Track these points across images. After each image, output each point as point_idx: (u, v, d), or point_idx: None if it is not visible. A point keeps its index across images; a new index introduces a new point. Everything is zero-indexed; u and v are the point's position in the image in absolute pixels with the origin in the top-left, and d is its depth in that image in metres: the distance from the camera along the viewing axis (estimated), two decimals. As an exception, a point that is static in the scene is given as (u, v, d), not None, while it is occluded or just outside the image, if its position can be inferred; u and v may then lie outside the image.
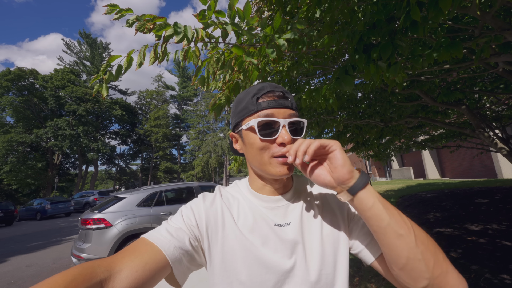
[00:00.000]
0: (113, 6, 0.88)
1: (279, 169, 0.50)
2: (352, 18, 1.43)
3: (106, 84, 1.04)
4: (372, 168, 26.35)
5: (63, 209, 14.95)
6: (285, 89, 0.55)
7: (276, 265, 0.49)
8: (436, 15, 0.98)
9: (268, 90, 0.53)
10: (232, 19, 1.03)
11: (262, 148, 0.51)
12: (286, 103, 0.52)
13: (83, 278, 0.36)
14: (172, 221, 0.53)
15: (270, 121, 0.51)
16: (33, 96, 25.13)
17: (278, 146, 0.51)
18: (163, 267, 0.46)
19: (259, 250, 0.50)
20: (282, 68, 2.13)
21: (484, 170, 11.38)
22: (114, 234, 3.79)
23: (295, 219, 0.55)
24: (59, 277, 0.35)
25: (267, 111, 0.51)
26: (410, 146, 5.88)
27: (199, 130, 36.43)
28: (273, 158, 0.51)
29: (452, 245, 3.24)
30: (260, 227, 0.53)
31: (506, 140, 3.27)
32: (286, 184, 0.58)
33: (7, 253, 6.36)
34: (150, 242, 0.47)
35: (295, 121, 0.52)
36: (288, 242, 0.51)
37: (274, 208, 0.56)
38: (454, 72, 2.61)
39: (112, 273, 0.40)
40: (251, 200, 0.58)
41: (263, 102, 0.52)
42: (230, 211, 0.55)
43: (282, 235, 0.52)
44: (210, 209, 0.55)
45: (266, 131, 0.51)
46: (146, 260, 0.44)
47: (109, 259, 0.43)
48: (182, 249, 0.48)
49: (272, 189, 0.57)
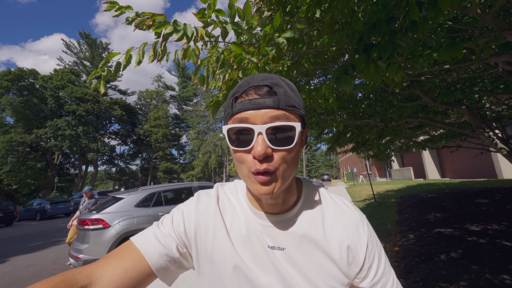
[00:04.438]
0: (113, 3, 0.87)
1: (257, 187, 0.41)
2: (352, 18, 1.43)
3: (104, 81, 1.04)
4: (372, 168, 26.36)
5: (62, 210, 14.93)
6: (278, 81, 0.43)
7: (264, 287, 0.45)
8: (435, 15, 0.98)
9: (249, 87, 0.43)
10: (232, 18, 1.03)
11: (239, 161, 0.43)
12: (267, 102, 0.41)
13: (64, 285, 0.36)
14: (163, 225, 0.50)
15: (241, 128, 0.41)
16: (33, 96, 25.15)
17: (253, 159, 0.41)
18: (147, 275, 0.44)
19: (249, 269, 0.46)
20: (282, 68, 2.13)
21: (484, 170, 11.38)
22: (112, 235, 3.78)
23: (290, 245, 0.47)
24: (41, 285, 0.36)
25: (241, 114, 0.42)
26: (410, 146, 5.87)
27: (199, 130, 36.48)
28: (251, 174, 0.42)
29: (452, 245, 3.23)
30: (253, 244, 0.48)
31: (506, 140, 3.27)
32: (286, 199, 0.49)
33: (7, 253, 6.35)
34: (135, 247, 0.46)
35: (278, 126, 0.41)
36: (279, 268, 0.46)
37: (267, 227, 0.49)
38: (454, 72, 2.61)
39: (92, 280, 0.40)
40: (247, 211, 0.51)
41: (238, 104, 0.42)
42: (223, 219, 0.50)
43: (273, 258, 0.46)
44: (202, 215, 0.50)
45: (241, 140, 0.42)
46: (128, 268, 0.43)
47: (90, 266, 0.42)
48: (168, 256, 0.46)
49: (268, 204, 0.48)
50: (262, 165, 0.40)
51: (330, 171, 62.51)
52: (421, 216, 5.05)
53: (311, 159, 60.48)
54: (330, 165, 63.35)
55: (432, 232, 3.89)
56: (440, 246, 3.27)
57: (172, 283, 0.50)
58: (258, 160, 0.41)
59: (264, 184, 0.41)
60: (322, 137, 4.74)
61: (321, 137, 4.69)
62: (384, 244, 3.93)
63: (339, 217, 0.51)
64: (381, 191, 11.71)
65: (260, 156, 0.40)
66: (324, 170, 61.16)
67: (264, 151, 0.40)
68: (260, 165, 0.40)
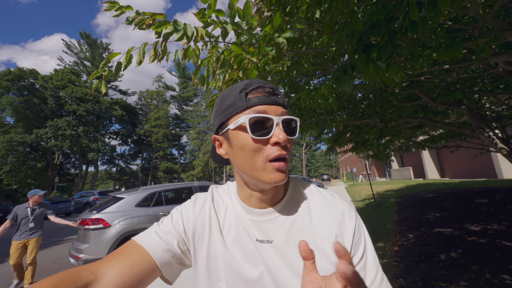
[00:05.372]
0: (113, 3, 0.88)
1: (274, 175, 0.45)
2: (352, 18, 1.43)
3: (105, 80, 1.04)
4: (372, 168, 26.35)
5: (63, 209, 14.93)
6: (274, 86, 0.51)
7: (255, 280, 0.48)
8: (435, 15, 0.98)
9: (257, 86, 0.48)
10: (232, 18, 1.03)
11: (256, 150, 0.45)
12: (277, 100, 0.47)
13: (68, 281, 0.36)
14: (163, 224, 0.53)
15: (262, 118, 0.45)
16: (33, 96, 25.15)
17: (273, 146, 0.45)
18: (152, 270, 0.45)
19: (239, 264, 0.48)
20: (282, 68, 2.13)
21: (484, 170, 11.37)
22: (113, 235, 3.78)
23: (278, 238, 0.49)
24: (45, 282, 0.36)
25: (259, 107, 0.45)
26: (409, 146, 5.87)
27: (199, 130, 36.50)
28: (268, 163, 0.45)
29: (452, 245, 3.23)
30: (242, 240, 0.50)
31: (506, 140, 3.27)
32: (275, 195, 0.52)
33: (7, 253, 6.34)
34: (139, 244, 0.47)
35: (288, 119, 0.48)
36: (267, 261, 0.48)
37: (258, 222, 0.51)
38: (454, 72, 2.61)
39: (97, 276, 0.40)
40: (238, 209, 0.54)
41: (253, 98, 0.46)
42: (217, 218, 0.54)
43: (262, 252, 0.49)
44: (199, 215, 0.53)
45: (258, 131, 0.45)
46: (133, 263, 0.44)
47: (95, 263, 0.43)
48: (171, 251, 0.49)
49: (259, 200, 0.51)
50: (284, 151, 0.45)
51: (330, 171, 62.49)
52: (421, 216, 5.05)
53: (310, 159, 60.46)
54: (330, 165, 63.34)
55: (432, 232, 3.89)
56: (440, 246, 3.27)
57: (174, 280, 0.51)
58: (281, 147, 0.45)
59: (281, 171, 0.45)
60: (321, 137, 4.74)
61: (320, 137, 4.69)
62: (383, 244, 3.93)
63: (325, 208, 0.52)
64: (381, 191, 11.71)
65: (284, 141, 0.44)
66: (324, 170, 61.13)
67: (286, 138, 0.45)
68: (282, 150, 0.45)
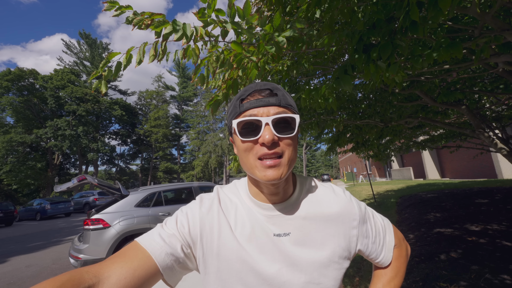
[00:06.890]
0: (113, 3, 0.88)
1: (265, 173, 0.47)
2: (352, 18, 1.43)
3: (105, 80, 1.04)
4: (372, 168, 26.35)
5: (63, 210, 14.95)
6: (276, 86, 0.52)
7: (273, 277, 0.48)
8: (435, 15, 0.98)
9: (253, 90, 0.50)
10: (232, 17, 1.03)
11: (246, 150, 0.49)
12: (271, 101, 0.49)
13: (71, 284, 0.36)
14: (166, 226, 0.52)
15: (250, 120, 0.48)
16: (33, 96, 25.17)
17: (261, 146, 0.47)
18: (154, 273, 0.45)
19: (256, 262, 0.49)
20: (282, 67, 2.13)
21: (484, 170, 11.37)
22: (113, 235, 3.77)
23: (295, 229, 0.52)
24: (48, 283, 0.35)
25: (250, 111, 0.48)
26: (410, 146, 5.87)
27: (199, 130, 36.46)
28: (258, 161, 0.48)
29: (452, 245, 3.23)
30: (258, 237, 0.51)
31: (506, 140, 3.27)
32: (285, 189, 0.54)
33: (7, 253, 6.35)
34: (142, 247, 0.47)
35: (282, 117, 0.48)
36: (286, 254, 0.50)
37: (272, 216, 0.53)
38: (454, 72, 2.61)
39: (100, 279, 0.40)
40: (249, 206, 0.55)
41: (246, 103, 0.49)
42: (227, 219, 0.53)
43: (280, 245, 0.50)
44: (206, 216, 0.53)
45: (248, 132, 0.48)
46: (136, 267, 0.43)
47: (98, 266, 0.42)
48: (174, 255, 0.48)
49: (268, 195, 0.53)
50: (271, 150, 0.47)
51: (330, 171, 62.48)
52: (421, 216, 5.05)
53: (311, 159, 60.46)
54: (330, 165, 63.33)
55: (432, 232, 3.89)
56: (440, 246, 3.27)
57: (175, 284, 0.51)
58: (266, 147, 0.47)
59: (273, 169, 0.47)
60: (322, 137, 4.74)
61: (321, 137, 4.69)
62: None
63: (332, 197, 0.58)
64: (381, 191, 11.71)
65: (268, 142, 0.46)
66: (324, 170, 61.12)
67: (272, 138, 0.46)
68: (268, 149, 0.46)
